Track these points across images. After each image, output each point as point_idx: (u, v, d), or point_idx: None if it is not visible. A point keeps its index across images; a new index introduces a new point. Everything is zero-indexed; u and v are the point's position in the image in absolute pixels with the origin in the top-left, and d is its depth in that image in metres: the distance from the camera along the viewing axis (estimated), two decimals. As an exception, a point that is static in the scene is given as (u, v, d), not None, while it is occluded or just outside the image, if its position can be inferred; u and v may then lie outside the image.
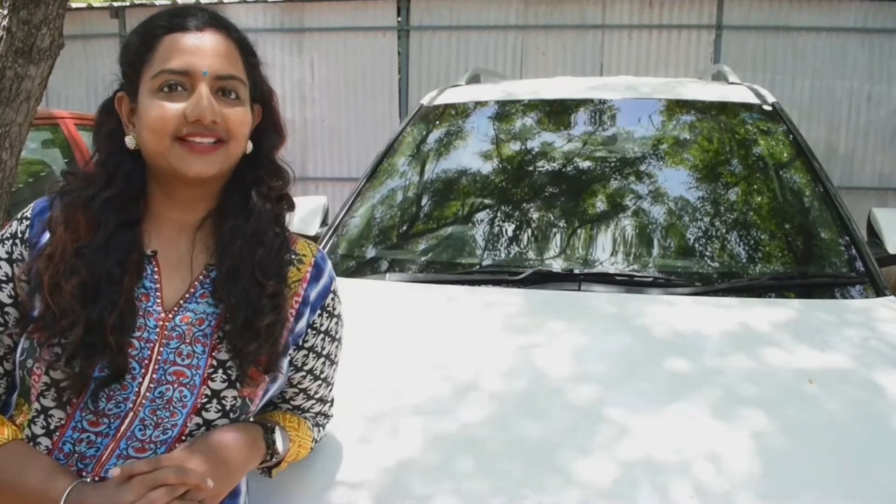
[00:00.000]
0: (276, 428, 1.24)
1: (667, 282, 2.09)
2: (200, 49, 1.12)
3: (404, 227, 2.54)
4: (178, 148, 1.10)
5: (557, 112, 2.90)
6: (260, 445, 1.20)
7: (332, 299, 1.30)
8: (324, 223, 2.74)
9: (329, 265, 1.31)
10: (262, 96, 1.23)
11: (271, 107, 1.24)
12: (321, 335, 1.28)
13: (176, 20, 1.14)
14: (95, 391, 1.08)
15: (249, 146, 1.20)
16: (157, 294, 1.14)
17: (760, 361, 1.70)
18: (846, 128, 7.27)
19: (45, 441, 1.10)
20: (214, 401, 1.13)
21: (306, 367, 1.29)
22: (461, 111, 3.01)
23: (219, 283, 1.16)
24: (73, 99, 7.91)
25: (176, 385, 1.11)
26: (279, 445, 1.22)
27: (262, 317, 1.13)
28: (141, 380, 1.10)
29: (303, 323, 1.25)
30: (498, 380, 1.63)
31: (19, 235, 1.15)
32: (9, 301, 1.14)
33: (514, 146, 2.78)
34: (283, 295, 1.18)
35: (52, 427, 1.10)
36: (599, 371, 1.65)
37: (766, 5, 7.29)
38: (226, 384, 1.13)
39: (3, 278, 1.14)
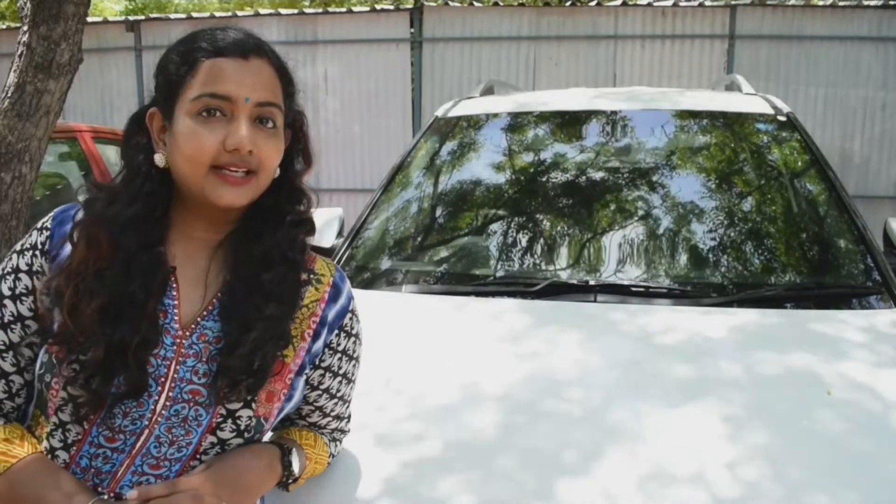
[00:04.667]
0: (294, 450, 1.23)
1: (682, 293, 2.09)
2: (243, 76, 1.10)
3: (420, 239, 2.55)
4: (213, 177, 1.09)
5: (572, 123, 2.91)
6: (276, 468, 1.19)
7: (351, 319, 1.29)
8: (339, 235, 2.75)
9: (348, 285, 1.30)
10: (293, 122, 1.22)
11: (302, 132, 1.24)
12: (338, 355, 1.28)
13: (220, 44, 1.12)
14: (111, 407, 1.08)
15: (276, 171, 1.20)
16: (175, 311, 1.14)
17: (777, 373, 1.69)
18: (861, 137, 7.25)
19: (62, 455, 1.10)
20: (229, 420, 1.13)
21: (322, 386, 1.28)
22: (476, 123, 3.02)
23: (222, 304, 1.16)
24: (88, 112, 7.99)
25: (191, 404, 1.11)
26: (295, 467, 1.22)
27: (249, 334, 1.12)
28: (157, 397, 1.10)
29: (319, 343, 1.24)
30: (515, 393, 1.63)
31: (39, 247, 1.15)
32: (29, 314, 1.13)
33: (529, 158, 2.79)
34: (281, 318, 1.16)
35: (69, 441, 1.10)
36: (615, 383, 1.65)
37: (780, 14, 7.29)
38: (241, 404, 1.13)
39: (24, 291, 1.13)
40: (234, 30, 1.16)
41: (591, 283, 2.14)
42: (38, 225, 1.18)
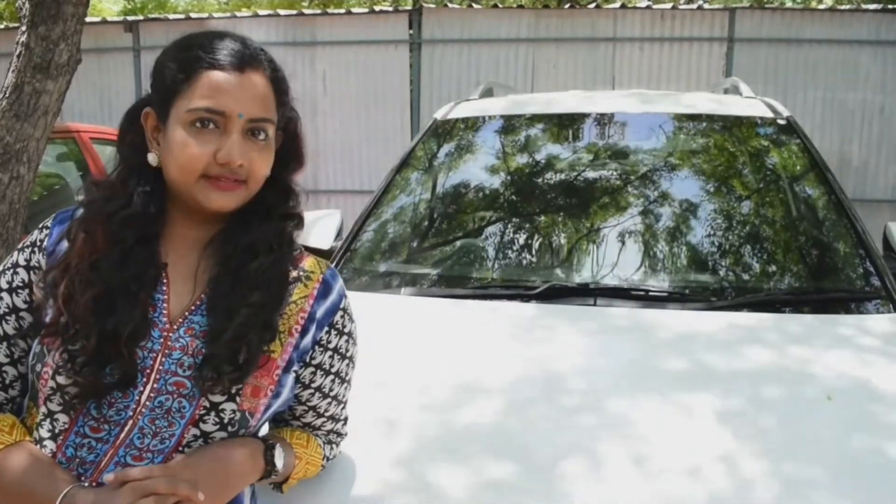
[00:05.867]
0: (277, 445, 1.23)
1: (682, 297, 2.09)
2: (238, 91, 1.12)
3: (419, 242, 2.54)
4: (203, 183, 1.13)
5: (572, 126, 2.91)
6: (258, 461, 1.19)
7: (342, 317, 1.29)
8: (337, 237, 2.75)
9: (339, 283, 1.30)
10: (286, 123, 1.24)
11: (294, 134, 1.26)
12: (329, 352, 1.27)
13: (218, 55, 1.13)
14: (100, 397, 1.10)
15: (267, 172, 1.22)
16: (164, 305, 1.16)
17: (778, 378, 1.69)
18: (859, 140, 7.26)
19: (50, 444, 1.12)
20: (213, 413, 1.14)
21: (314, 385, 1.28)
22: (475, 125, 3.01)
23: (209, 297, 1.17)
24: (86, 112, 7.96)
25: (175, 395, 1.12)
26: (278, 462, 1.21)
27: (233, 321, 1.13)
28: (142, 388, 1.11)
29: (308, 339, 1.24)
30: (514, 395, 1.63)
31: (38, 244, 1.18)
32: (24, 306, 1.16)
33: (529, 161, 2.78)
34: (265, 306, 1.17)
35: (56, 431, 1.12)
36: (616, 386, 1.65)
37: (778, 18, 7.30)
38: (225, 397, 1.14)
39: (20, 284, 1.17)
40: (232, 38, 1.17)
41: (591, 286, 2.14)
42: (41, 225, 1.22)
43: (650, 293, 2.10)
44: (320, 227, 2.63)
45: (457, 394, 1.64)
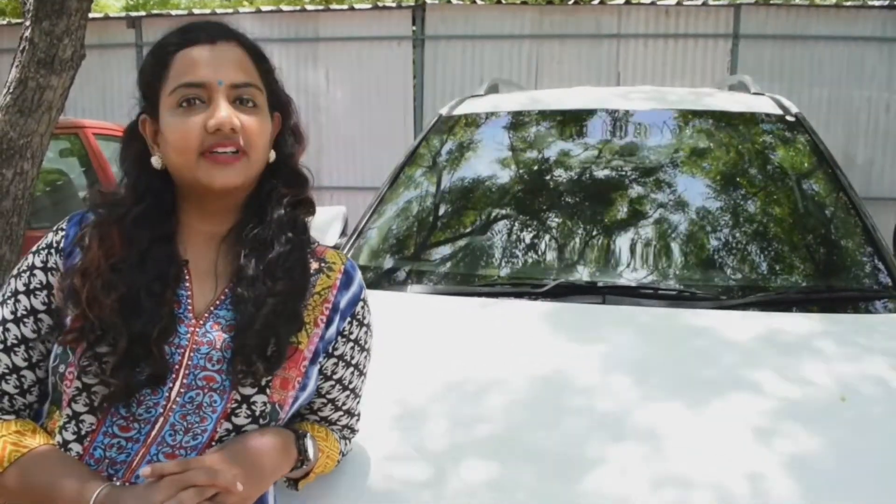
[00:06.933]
0: (308, 435, 1.24)
1: (692, 295, 2.07)
2: (213, 60, 1.14)
3: (426, 239, 2.53)
4: (204, 162, 1.13)
5: (579, 122, 2.89)
6: (291, 451, 1.19)
7: (362, 308, 1.30)
8: (342, 234, 2.73)
9: (359, 274, 1.32)
10: (280, 104, 1.25)
11: (289, 113, 1.27)
12: (350, 343, 1.28)
13: (186, 36, 1.16)
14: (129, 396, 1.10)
15: (272, 155, 1.23)
16: (189, 301, 1.16)
17: (789, 377, 1.68)
18: (864, 137, 7.24)
19: (75, 447, 1.11)
20: (244, 406, 1.13)
21: (335, 377, 1.28)
22: (481, 121, 3.00)
23: (234, 292, 1.17)
24: (89, 108, 7.96)
25: (206, 390, 1.12)
26: (310, 452, 1.22)
27: (261, 311, 1.14)
28: (171, 385, 1.11)
29: (332, 330, 1.25)
30: (526, 395, 1.61)
31: (54, 245, 1.18)
32: (42, 308, 1.16)
33: (536, 157, 2.76)
34: (290, 295, 1.18)
35: (83, 433, 1.11)
36: (626, 385, 1.64)
37: (783, 14, 7.28)
38: (255, 389, 1.14)
39: (38, 286, 1.16)
40: (201, 22, 1.20)
41: (600, 284, 2.13)
42: (55, 227, 1.22)
43: (659, 291, 2.09)
44: (325, 223, 2.62)
45: (465, 392, 1.63)
